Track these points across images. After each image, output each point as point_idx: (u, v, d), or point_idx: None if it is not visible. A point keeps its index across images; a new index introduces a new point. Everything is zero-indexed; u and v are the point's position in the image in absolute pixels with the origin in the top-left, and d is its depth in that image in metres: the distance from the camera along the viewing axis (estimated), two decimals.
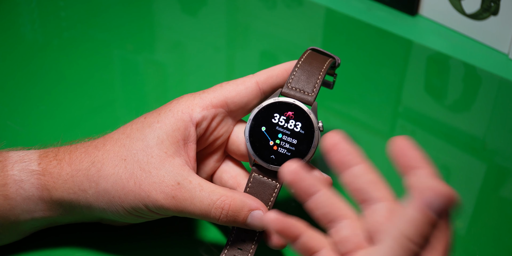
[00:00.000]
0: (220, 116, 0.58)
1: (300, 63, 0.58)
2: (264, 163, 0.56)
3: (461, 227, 0.64)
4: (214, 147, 0.59)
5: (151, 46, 0.83)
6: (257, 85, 0.58)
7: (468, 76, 0.81)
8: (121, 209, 0.55)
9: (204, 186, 0.55)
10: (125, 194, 0.55)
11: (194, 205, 0.54)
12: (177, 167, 0.55)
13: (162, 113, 0.57)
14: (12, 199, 0.56)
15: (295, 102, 0.56)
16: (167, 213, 0.55)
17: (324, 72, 0.57)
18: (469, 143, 0.72)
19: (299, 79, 0.57)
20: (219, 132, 0.58)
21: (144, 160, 0.55)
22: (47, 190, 0.56)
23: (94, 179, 0.55)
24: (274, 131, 0.56)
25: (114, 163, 0.55)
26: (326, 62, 0.58)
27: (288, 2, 0.89)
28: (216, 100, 0.57)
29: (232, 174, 0.59)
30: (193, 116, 0.56)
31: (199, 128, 0.57)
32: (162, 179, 0.54)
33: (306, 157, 0.56)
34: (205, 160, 0.59)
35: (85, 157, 0.56)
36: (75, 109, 0.73)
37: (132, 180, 0.55)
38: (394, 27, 0.85)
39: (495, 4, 0.79)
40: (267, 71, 0.58)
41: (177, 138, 0.56)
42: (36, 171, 0.56)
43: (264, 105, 0.57)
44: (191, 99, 0.57)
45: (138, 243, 0.61)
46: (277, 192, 0.56)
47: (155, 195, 0.54)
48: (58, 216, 0.58)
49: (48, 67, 0.78)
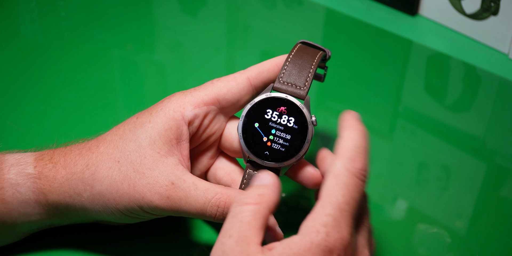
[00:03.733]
0: (212, 113, 0.57)
1: (291, 57, 0.58)
2: (258, 159, 0.56)
3: (461, 227, 0.64)
4: (207, 144, 0.59)
5: (151, 46, 0.83)
6: (248, 81, 0.58)
7: (468, 76, 0.81)
8: (116, 211, 0.55)
9: (198, 185, 0.54)
10: (119, 197, 0.54)
11: (190, 204, 0.54)
12: (170, 166, 0.55)
13: (153, 112, 0.56)
14: (9, 203, 0.56)
15: (287, 97, 0.56)
16: (163, 213, 0.55)
17: (316, 65, 0.57)
18: (469, 143, 0.72)
19: (291, 73, 0.57)
20: (212, 129, 0.58)
21: (137, 161, 0.55)
22: (43, 193, 0.56)
23: (88, 182, 0.55)
24: (268, 127, 0.56)
25: (108, 166, 0.55)
26: (317, 55, 0.58)
27: (288, 2, 0.89)
28: (207, 97, 0.57)
29: (227, 171, 0.59)
30: (185, 114, 0.56)
31: (192, 127, 0.56)
32: (155, 179, 0.54)
33: (300, 152, 0.56)
34: (199, 158, 0.59)
35: (79, 160, 0.56)
36: (75, 109, 0.73)
37: (126, 182, 0.54)
38: (394, 27, 0.85)
39: (495, 4, 0.79)
40: (258, 66, 0.58)
41: (170, 138, 0.55)
42: (32, 174, 0.56)
43: (256, 101, 0.56)
44: (182, 97, 0.57)
45: (135, 244, 0.60)
46: None
47: (150, 196, 0.54)
48: (55, 219, 0.58)
49: (48, 67, 0.78)
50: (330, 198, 0.48)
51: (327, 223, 0.47)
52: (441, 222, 0.64)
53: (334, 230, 0.47)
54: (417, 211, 0.65)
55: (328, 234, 0.47)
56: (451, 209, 0.66)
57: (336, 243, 0.47)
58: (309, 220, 0.48)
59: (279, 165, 0.56)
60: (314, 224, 0.48)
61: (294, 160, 0.56)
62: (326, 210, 0.48)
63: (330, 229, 0.47)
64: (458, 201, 0.66)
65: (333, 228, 0.47)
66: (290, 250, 0.47)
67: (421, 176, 0.69)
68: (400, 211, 0.66)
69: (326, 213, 0.48)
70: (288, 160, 0.56)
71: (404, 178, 0.68)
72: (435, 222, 0.64)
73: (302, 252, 0.47)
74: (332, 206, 0.48)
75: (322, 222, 0.47)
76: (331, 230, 0.47)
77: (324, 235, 0.47)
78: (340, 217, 0.48)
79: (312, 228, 0.47)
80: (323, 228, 0.47)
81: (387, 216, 0.65)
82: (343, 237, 0.48)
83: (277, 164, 0.56)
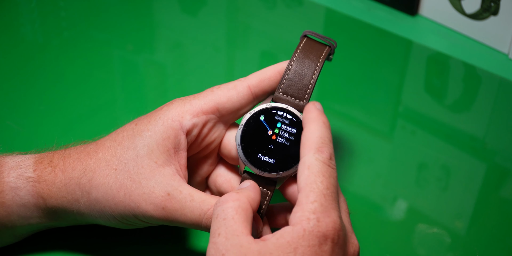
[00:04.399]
0: (211, 122, 0.56)
1: (292, 64, 0.56)
2: (256, 169, 0.55)
3: (461, 227, 0.64)
4: (207, 151, 0.58)
5: (151, 46, 0.83)
6: (249, 90, 0.56)
7: (468, 76, 0.81)
8: (112, 218, 0.55)
9: (194, 196, 0.54)
10: (115, 205, 0.54)
11: (185, 216, 0.54)
12: (167, 177, 0.54)
13: (152, 120, 0.56)
14: (8, 206, 0.56)
15: (288, 107, 0.55)
16: (158, 222, 0.55)
17: (317, 73, 0.56)
18: (469, 143, 0.72)
19: (291, 82, 0.55)
20: (211, 137, 0.57)
21: (135, 170, 0.54)
22: (42, 198, 0.56)
23: (85, 188, 0.55)
24: (267, 137, 0.55)
25: (105, 173, 0.55)
26: (320, 58, 0.56)
27: (288, 2, 0.89)
28: (206, 106, 0.56)
29: (226, 178, 0.58)
30: (183, 124, 0.55)
31: (190, 136, 0.56)
32: (152, 190, 0.54)
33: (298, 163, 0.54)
34: (199, 164, 0.59)
35: (77, 165, 0.56)
36: (74, 109, 0.73)
37: (122, 191, 0.54)
38: (394, 27, 0.85)
39: (495, 4, 0.79)
40: (259, 74, 0.57)
41: (167, 147, 0.55)
42: (32, 178, 0.56)
43: (256, 111, 0.55)
44: (181, 105, 0.56)
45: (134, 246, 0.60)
46: (269, 199, 0.55)
47: (145, 206, 0.54)
48: (54, 222, 0.58)
49: (48, 67, 0.78)
50: (310, 186, 0.49)
51: (315, 210, 0.48)
52: (441, 222, 0.64)
53: (323, 215, 0.48)
54: (417, 211, 0.65)
55: (319, 220, 0.48)
56: (451, 209, 0.66)
57: (329, 227, 0.48)
58: (297, 211, 0.48)
59: (277, 175, 0.55)
60: (302, 213, 0.48)
61: (292, 171, 0.54)
62: (310, 198, 0.49)
63: (319, 215, 0.48)
64: (458, 201, 0.66)
65: (322, 213, 0.48)
66: (283, 239, 0.47)
67: (421, 176, 0.69)
68: (400, 211, 0.66)
69: (312, 201, 0.48)
70: (286, 171, 0.54)
71: (404, 178, 0.68)
72: (435, 222, 0.64)
73: (296, 240, 0.47)
74: (315, 193, 0.49)
75: (310, 209, 0.48)
76: (320, 215, 0.48)
77: (315, 221, 0.48)
78: (326, 202, 0.49)
79: (302, 217, 0.48)
80: (312, 215, 0.48)
81: (387, 216, 0.65)
82: (334, 221, 0.48)
83: (275, 174, 0.55)
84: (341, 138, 0.72)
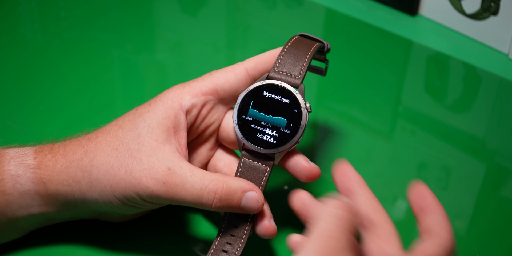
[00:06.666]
0: (210, 103, 0.58)
1: (287, 48, 0.58)
2: (253, 146, 0.57)
3: (461, 227, 0.64)
4: (206, 135, 0.59)
5: (151, 46, 0.83)
6: (247, 72, 0.58)
7: (468, 76, 0.81)
8: (113, 198, 0.55)
9: (195, 171, 0.55)
10: (116, 183, 0.55)
11: (186, 190, 0.54)
12: (168, 154, 0.55)
13: (152, 103, 0.57)
14: (9, 195, 0.56)
15: (282, 83, 0.57)
16: (160, 201, 0.55)
17: (311, 56, 0.58)
18: (469, 143, 0.72)
19: (286, 62, 0.58)
20: (210, 119, 0.58)
21: (135, 149, 0.55)
22: (43, 183, 0.56)
23: (87, 169, 0.56)
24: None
25: (106, 153, 0.56)
26: (313, 46, 0.59)
27: (288, 2, 0.89)
28: (205, 88, 0.58)
29: (226, 162, 0.60)
30: (182, 103, 0.57)
31: (190, 116, 0.57)
32: (152, 165, 0.54)
33: (294, 138, 0.56)
34: (198, 149, 0.60)
35: (78, 149, 0.57)
36: (75, 109, 0.73)
37: (123, 168, 0.55)
38: (394, 27, 0.85)
39: (495, 4, 0.79)
40: (256, 57, 0.59)
41: (168, 126, 0.56)
42: (32, 165, 0.56)
43: (251, 89, 0.57)
44: (180, 88, 0.58)
45: (134, 240, 0.61)
46: (268, 175, 0.57)
47: (146, 182, 0.54)
48: (55, 212, 0.58)
49: (48, 67, 0.78)
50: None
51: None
52: None
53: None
54: None
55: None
56: (451, 209, 0.66)
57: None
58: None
59: (274, 151, 0.56)
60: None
61: (289, 146, 0.56)
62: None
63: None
64: (458, 201, 0.66)
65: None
66: None
67: (421, 176, 0.69)
68: (400, 211, 0.66)
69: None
70: (283, 146, 0.56)
71: (404, 178, 0.68)
72: None
73: None
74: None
75: None
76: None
77: None
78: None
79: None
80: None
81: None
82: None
83: (271, 150, 0.56)
84: (341, 138, 0.72)
